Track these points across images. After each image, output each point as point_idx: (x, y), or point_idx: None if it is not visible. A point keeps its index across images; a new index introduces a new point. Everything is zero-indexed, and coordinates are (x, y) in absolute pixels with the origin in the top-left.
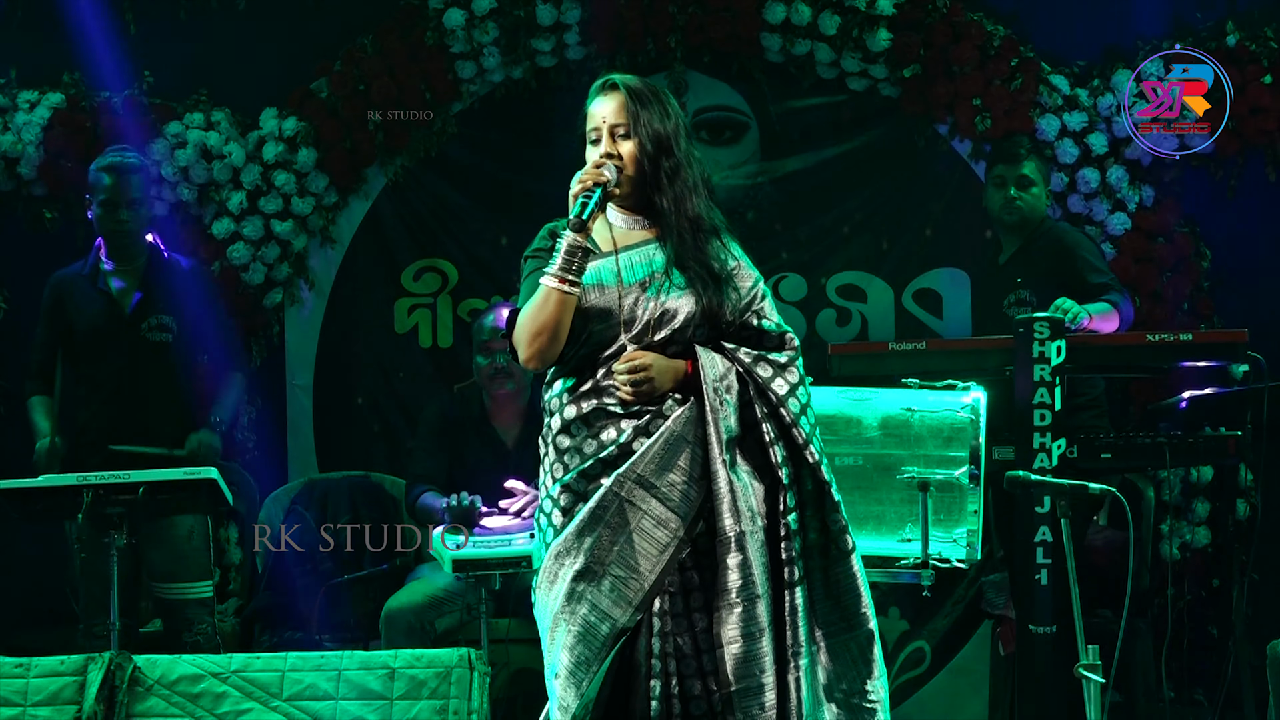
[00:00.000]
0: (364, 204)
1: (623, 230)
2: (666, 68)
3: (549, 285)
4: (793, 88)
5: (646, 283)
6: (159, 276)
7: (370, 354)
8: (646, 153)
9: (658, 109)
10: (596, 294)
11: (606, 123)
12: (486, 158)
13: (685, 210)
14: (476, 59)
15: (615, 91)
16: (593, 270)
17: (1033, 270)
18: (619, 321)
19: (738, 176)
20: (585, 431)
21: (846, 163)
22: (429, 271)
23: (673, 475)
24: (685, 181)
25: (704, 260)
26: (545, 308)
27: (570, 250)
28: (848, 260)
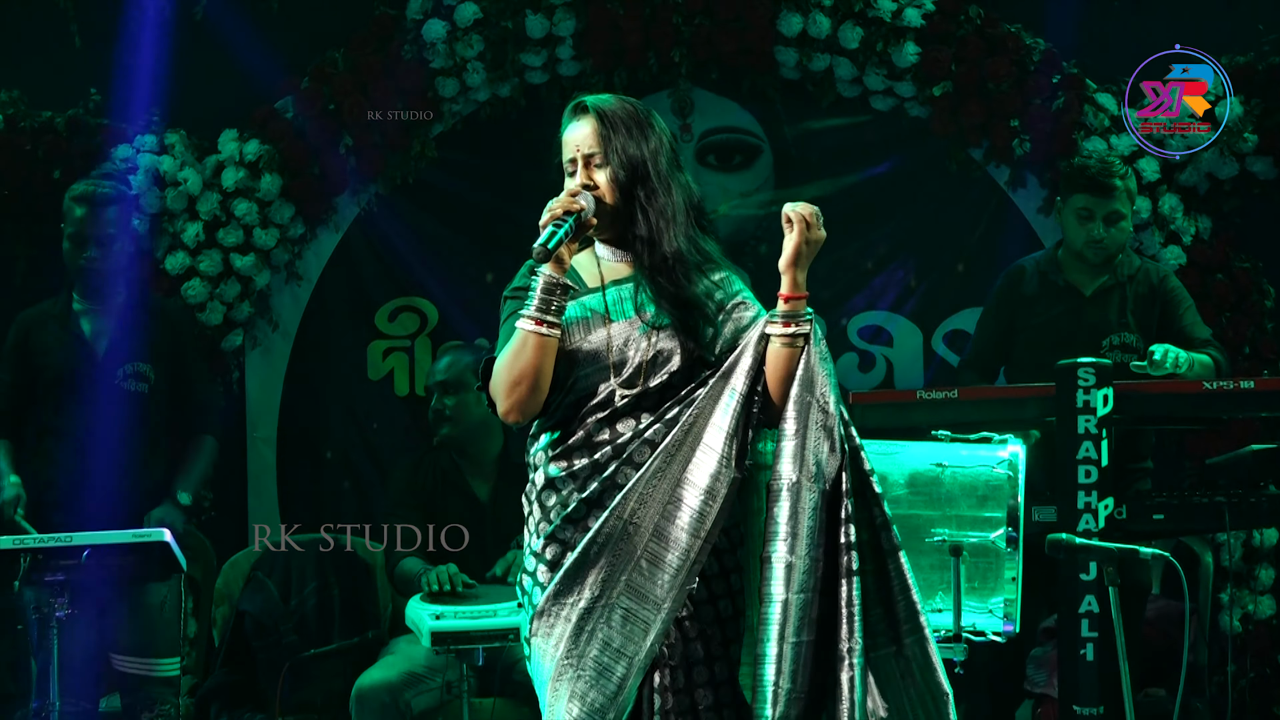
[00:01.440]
0: (334, 236)
1: (610, 263)
2: (670, 85)
3: (525, 328)
4: (810, 107)
5: (637, 321)
6: (139, 319)
7: (341, 403)
8: (618, 181)
9: (634, 131)
10: (583, 334)
11: (580, 151)
12: (470, 185)
13: (662, 243)
14: (459, 75)
15: (586, 116)
16: (578, 308)
17: (1110, 311)
18: (608, 365)
19: (749, 205)
20: (572, 485)
21: (870, 190)
22: (406, 311)
23: (680, 490)
24: (663, 211)
25: (683, 298)
26: (522, 353)
27: (547, 288)
28: (871, 299)
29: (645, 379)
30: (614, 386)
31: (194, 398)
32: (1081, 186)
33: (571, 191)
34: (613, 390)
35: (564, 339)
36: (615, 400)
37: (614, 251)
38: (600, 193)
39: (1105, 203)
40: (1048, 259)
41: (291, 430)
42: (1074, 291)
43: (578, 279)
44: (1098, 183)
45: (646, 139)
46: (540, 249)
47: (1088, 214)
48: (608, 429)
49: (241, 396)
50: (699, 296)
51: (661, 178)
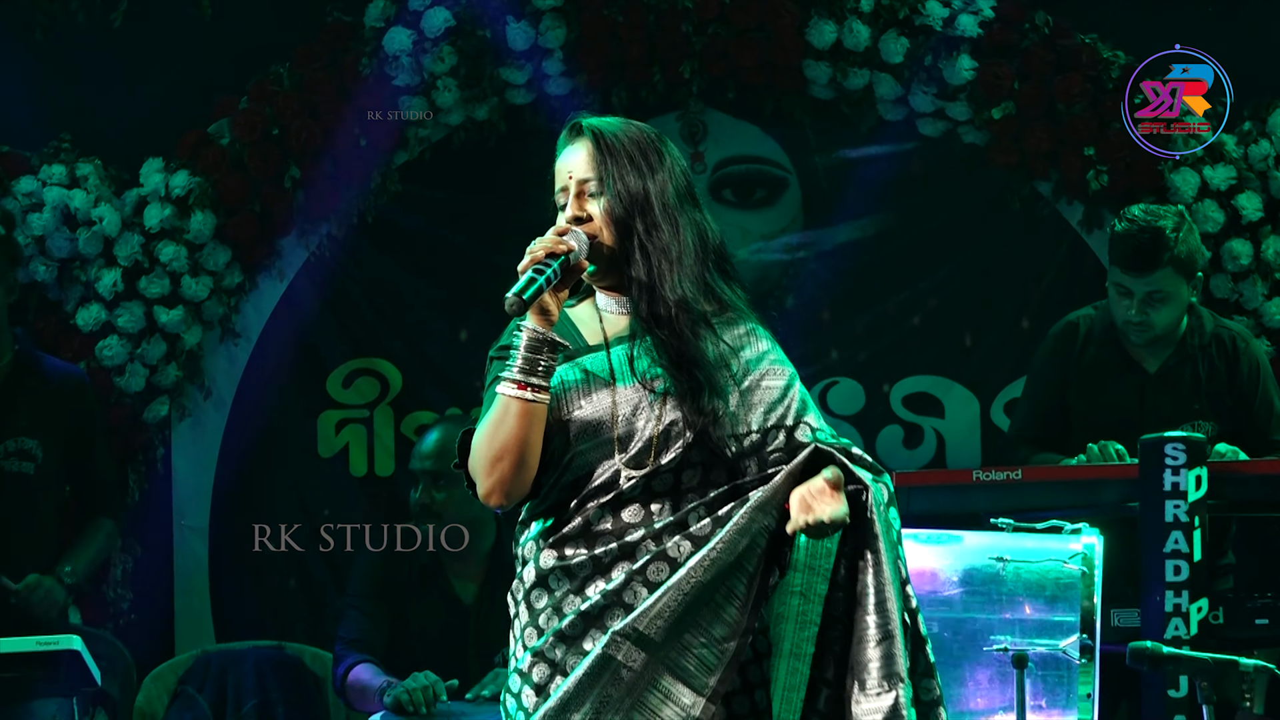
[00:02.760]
0: (278, 286)
1: (613, 317)
2: (678, 106)
3: (506, 393)
4: (846, 133)
5: (649, 385)
6: (26, 386)
7: (286, 485)
8: (614, 215)
9: (637, 158)
10: (581, 401)
11: (573, 179)
12: (441, 224)
13: (662, 288)
14: (428, 94)
15: (582, 138)
16: (575, 370)
17: (1180, 394)
18: (612, 438)
19: (773, 250)
20: (567, 585)
21: (916, 232)
22: (364, 375)
23: (690, 635)
24: (665, 249)
25: (686, 356)
26: (504, 423)
27: (531, 345)
28: (919, 361)
29: (656, 456)
30: (618, 465)
31: (95, 478)
32: (1118, 257)
33: (558, 230)
34: (617, 470)
35: (559, 407)
36: (620, 482)
37: (617, 302)
38: (594, 228)
39: (1145, 280)
40: (1104, 322)
41: (227, 519)
42: (1136, 368)
43: (574, 335)
44: (1137, 255)
45: (653, 169)
46: (514, 299)
47: (1124, 290)
48: (611, 517)
49: (167, 477)
50: (704, 356)
51: (667, 211)
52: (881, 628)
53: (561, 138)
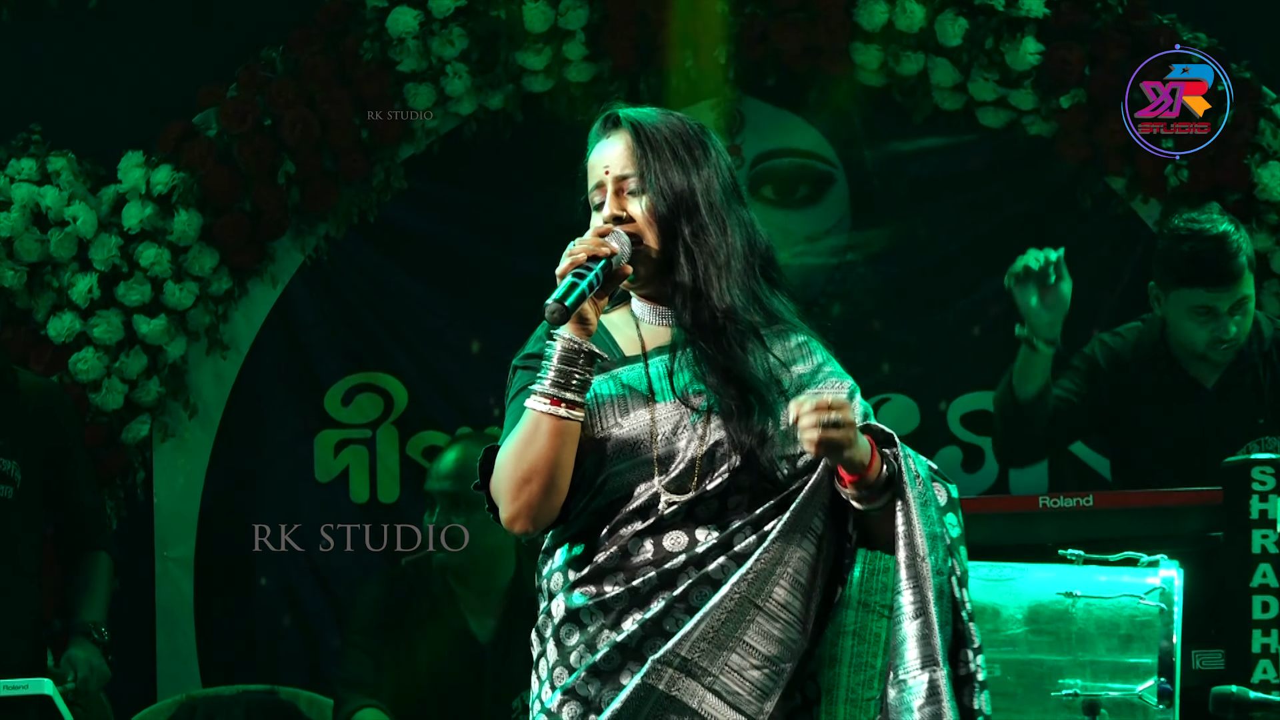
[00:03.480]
0: (270, 293)
1: (653, 327)
2: (713, 94)
3: (536, 409)
4: (898, 123)
5: (691, 402)
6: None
7: (279, 513)
8: (658, 214)
9: (680, 152)
10: (617, 418)
11: (610, 175)
12: (451, 225)
13: (710, 296)
14: (436, 81)
15: (618, 131)
16: (611, 384)
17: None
18: (651, 459)
19: (817, 253)
20: (602, 620)
21: (976, 233)
22: (366, 392)
23: (739, 657)
24: (714, 254)
25: (733, 373)
26: (534, 441)
27: (566, 356)
28: (980, 376)
29: (700, 480)
30: (657, 488)
31: (79, 503)
32: (1195, 278)
33: (599, 231)
34: (656, 493)
35: (592, 424)
36: (660, 506)
37: (656, 311)
38: (636, 228)
39: (1229, 293)
40: (1152, 338)
41: (214, 550)
42: (1191, 384)
43: (610, 345)
44: (1216, 268)
45: (697, 164)
46: (556, 306)
47: (1205, 310)
48: (650, 544)
49: (148, 505)
50: (753, 371)
51: (715, 212)
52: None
53: (594, 130)
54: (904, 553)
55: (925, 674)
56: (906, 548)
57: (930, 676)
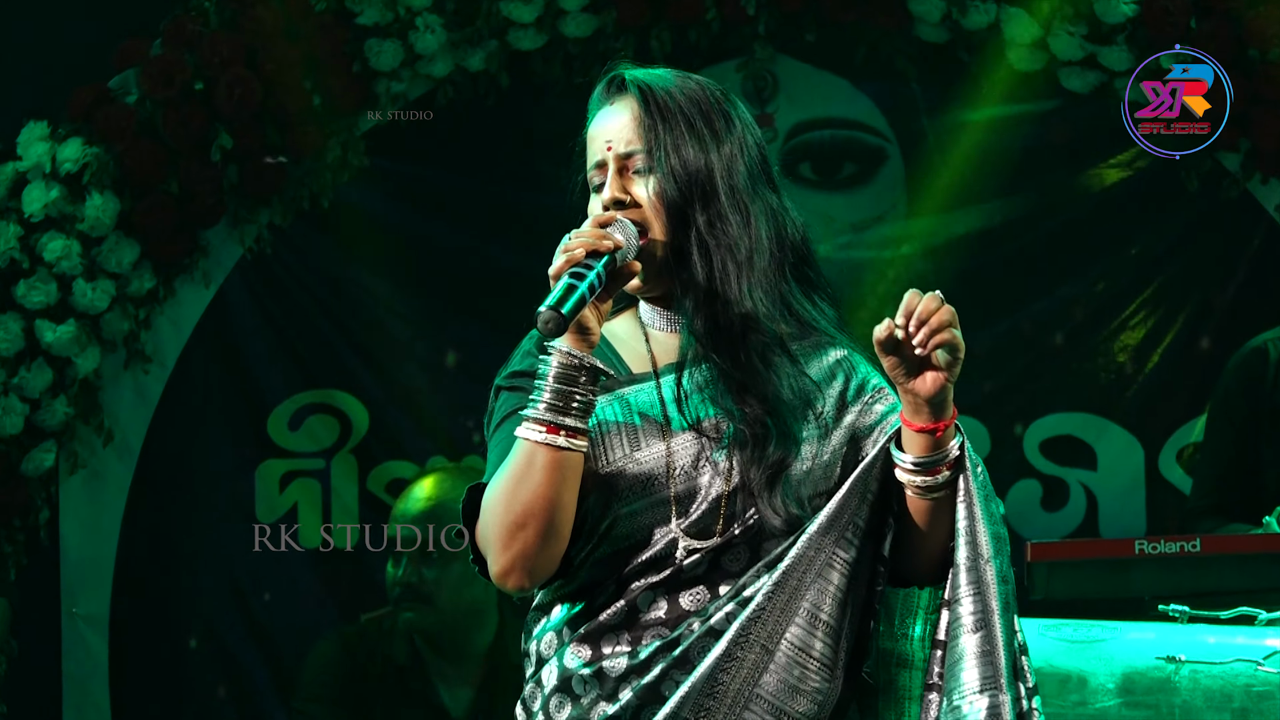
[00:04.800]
0: (203, 294)
1: (663, 336)
2: (741, 53)
3: (530, 438)
4: (964, 88)
5: (711, 431)
6: None
7: (213, 560)
8: (668, 198)
9: (697, 124)
10: (626, 449)
11: (613, 151)
12: (422, 211)
13: (727, 294)
14: (403, 36)
15: (623, 97)
16: (617, 407)
17: None
18: (666, 498)
19: (865, 244)
20: (597, 690)
21: (1059, 220)
22: (318, 414)
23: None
24: (733, 246)
25: (758, 391)
26: (528, 478)
27: (565, 374)
28: (1063, 394)
29: (726, 523)
30: (675, 533)
31: None
32: None
33: (600, 220)
34: (674, 539)
35: (594, 457)
36: (678, 555)
37: (667, 317)
38: (641, 215)
39: None
40: None
41: (133, 605)
42: None
43: (613, 361)
44: None
45: (718, 138)
46: (551, 314)
47: None
48: (665, 602)
49: (54, 550)
50: (776, 392)
51: (736, 196)
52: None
53: (595, 96)
54: (964, 552)
55: (985, 698)
56: (968, 546)
57: (991, 701)
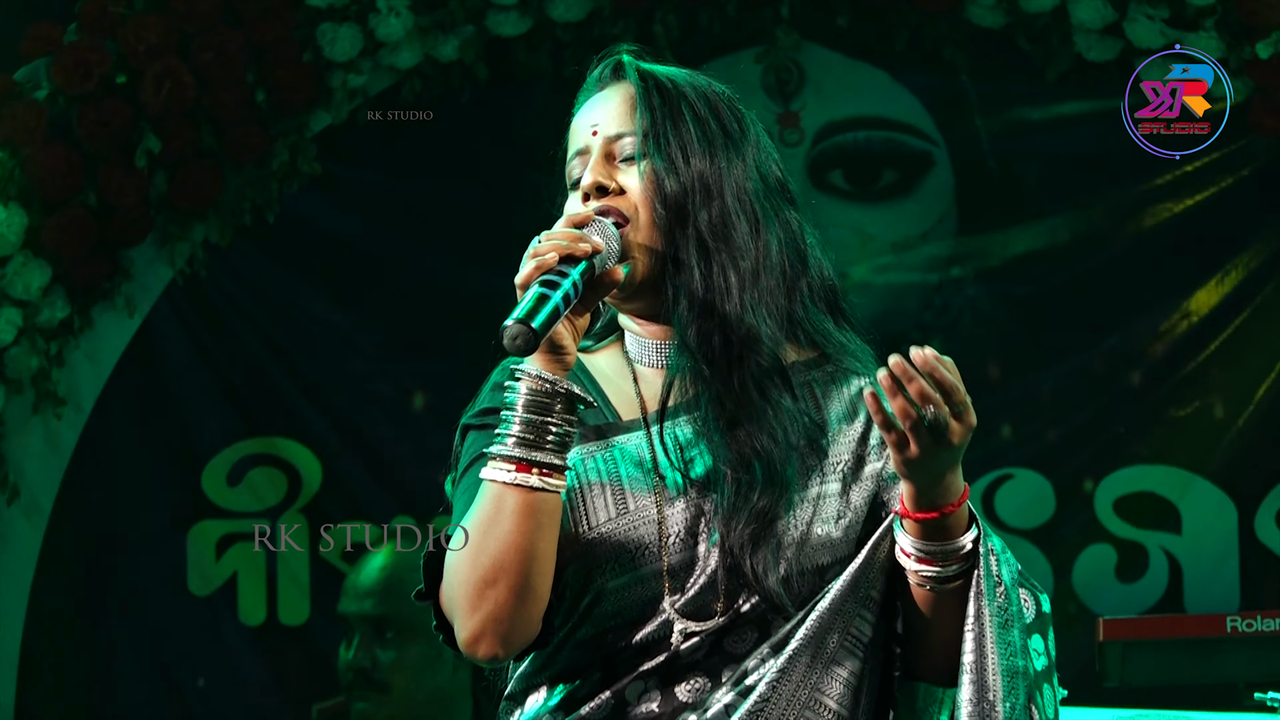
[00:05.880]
0: (125, 324)
1: (655, 375)
2: (761, 40)
3: (497, 480)
4: (1026, 81)
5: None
6: None
7: (138, 638)
8: (663, 189)
9: (704, 114)
10: (610, 508)
11: (600, 135)
12: (383, 226)
13: (725, 313)
14: (363, 20)
15: (620, 82)
16: (600, 459)
17: None
18: (659, 571)
19: (909, 267)
20: None
21: (1136, 237)
22: (262, 466)
23: None
24: (735, 256)
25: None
26: (497, 526)
27: (536, 400)
28: (1141, 444)
29: (729, 600)
30: (669, 613)
31: None
32: None
33: (574, 219)
34: (667, 620)
35: (574, 519)
36: (674, 639)
37: (658, 345)
38: (626, 206)
39: None
40: None
41: (45, 693)
42: None
43: (599, 402)
44: None
45: (730, 138)
46: (518, 328)
47: None
48: (659, 694)
49: None
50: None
51: (744, 201)
52: None
53: (586, 84)
54: (968, 691)
55: None
56: (974, 685)
57: None
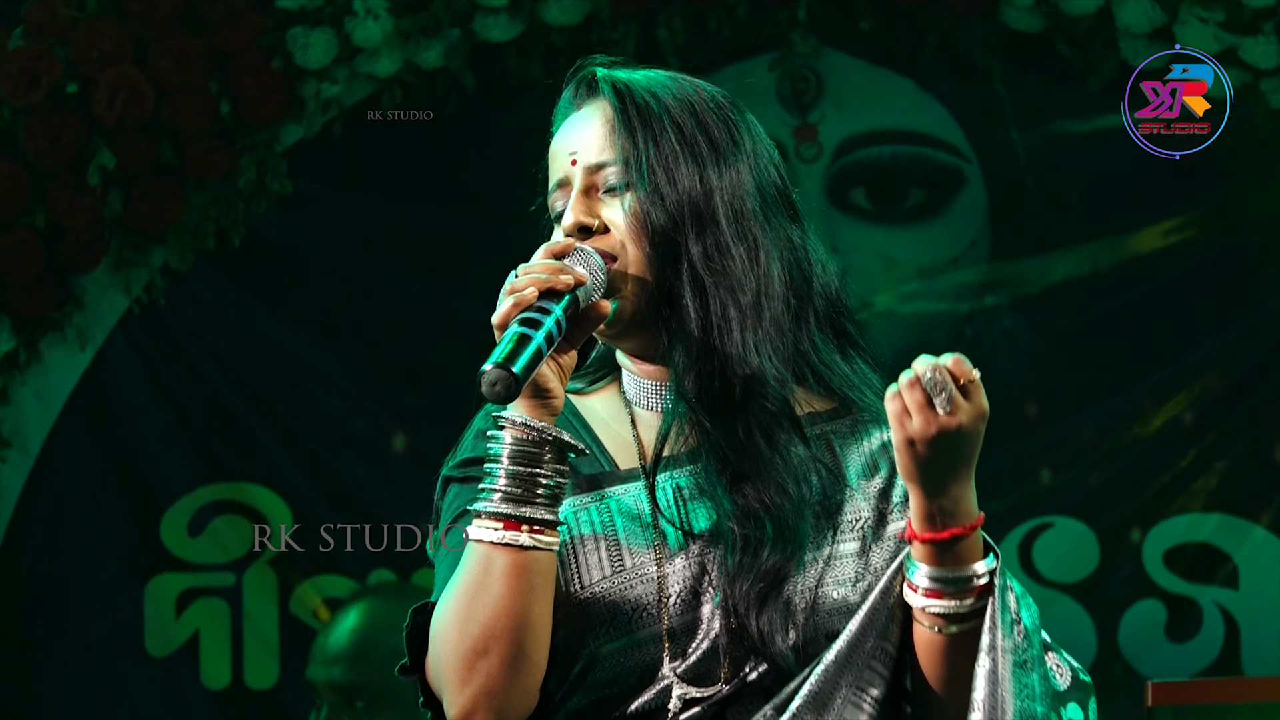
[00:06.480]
0: (76, 358)
1: (655, 419)
2: (775, 45)
3: (484, 539)
4: (1067, 91)
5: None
6: None
7: (90, 702)
8: (650, 223)
9: (690, 129)
10: (605, 569)
11: (580, 165)
12: (359, 249)
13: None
14: (338, 23)
15: (595, 100)
16: (594, 512)
17: None
18: (659, 634)
19: (938, 294)
20: None
21: (1190, 263)
22: (227, 514)
23: None
24: (735, 289)
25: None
26: (486, 590)
27: (523, 451)
28: (1193, 490)
29: (735, 667)
30: (670, 679)
31: None
32: None
33: (554, 249)
34: (667, 686)
35: (565, 578)
36: (672, 707)
37: (657, 392)
38: (612, 244)
39: None
40: None
41: None
42: None
43: (593, 449)
44: None
45: (719, 152)
46: (499, 375)
47: None
48: None
49: None
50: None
51: (743, 225)
52: None
53: (561, 102)
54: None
55: None
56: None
57: None
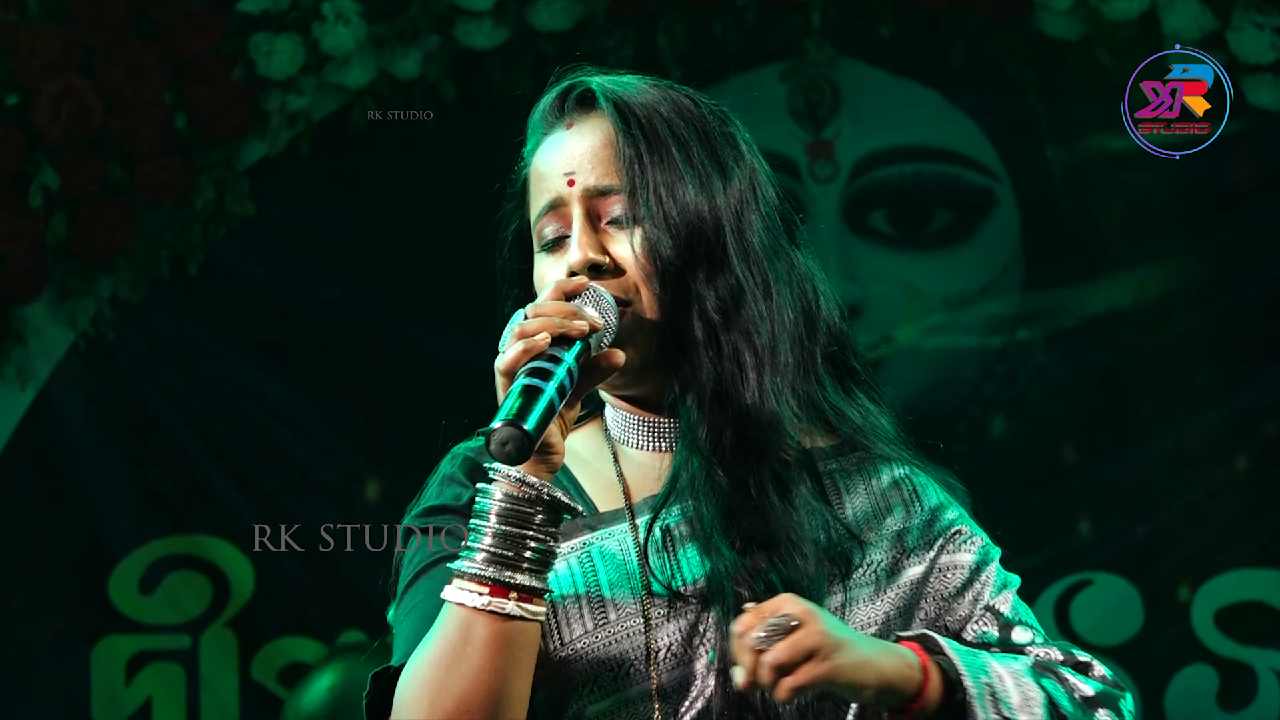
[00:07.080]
0: (17, 397)
1: (642, 457)
2: (787, 54)
3: (465, 602)
4: (1108, 104)
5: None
6: None
7: None
8: (662, 261)
9: (694, 148)
10: (587, 623)
11: (579, 186)
12: (327, 279)
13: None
14: (305, 29)
15: (591, 115)
16: (575, 562)
17: None
18: (647, 693)
19: (966, 327)
20: None
21: (1241, 294)
22: (182, 569)
23: None
24: (751, 332)
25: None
26: (463, 660)
27: (515, 510)
28: (1248, 544)
29: None
30: None
31: None
32: None
33: (565, 288)
34: None
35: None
36: None
37: (648, 427)
38: (626, 286)
39: None
40: None
41: None
42: None
43: (573, 491)
44: None
45: (724, 172)
46: (511, 433)
47: None
48: None
49: None
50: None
51: (752, 257)
52: None
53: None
54: None
55: None
56: None
57: None
